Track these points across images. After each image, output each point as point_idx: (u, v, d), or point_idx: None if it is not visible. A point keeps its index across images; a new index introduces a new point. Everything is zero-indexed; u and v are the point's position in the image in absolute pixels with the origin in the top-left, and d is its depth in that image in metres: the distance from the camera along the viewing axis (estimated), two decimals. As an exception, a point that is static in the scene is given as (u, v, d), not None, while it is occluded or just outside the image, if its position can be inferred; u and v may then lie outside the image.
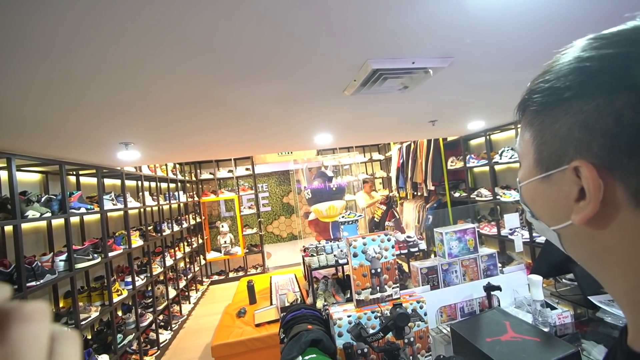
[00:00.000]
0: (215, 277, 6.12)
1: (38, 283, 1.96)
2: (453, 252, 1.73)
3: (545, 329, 1.37)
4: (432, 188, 4.52)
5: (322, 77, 1.28)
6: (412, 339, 1.40)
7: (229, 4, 0.72)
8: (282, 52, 1.01)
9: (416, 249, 3.11)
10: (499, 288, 1.54)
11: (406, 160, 5.10)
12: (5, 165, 1.89)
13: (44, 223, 2.44)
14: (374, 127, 2.63)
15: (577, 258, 0.34)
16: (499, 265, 1.83)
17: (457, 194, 4.31)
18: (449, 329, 1.42)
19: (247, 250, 6.15)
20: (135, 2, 0.67)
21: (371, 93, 1.47)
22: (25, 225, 2.11)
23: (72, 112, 1.35)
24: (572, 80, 0.28)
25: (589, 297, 1.49)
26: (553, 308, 1.54)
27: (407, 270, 3.39)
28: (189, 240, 5.33)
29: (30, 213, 2.00)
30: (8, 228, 2.04)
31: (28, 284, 1.89)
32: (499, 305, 1.61)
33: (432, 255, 1.88)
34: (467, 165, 4.00)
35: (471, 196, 3.99)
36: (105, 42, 0.82)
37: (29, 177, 2.46)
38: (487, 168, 3.77)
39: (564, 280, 1.84)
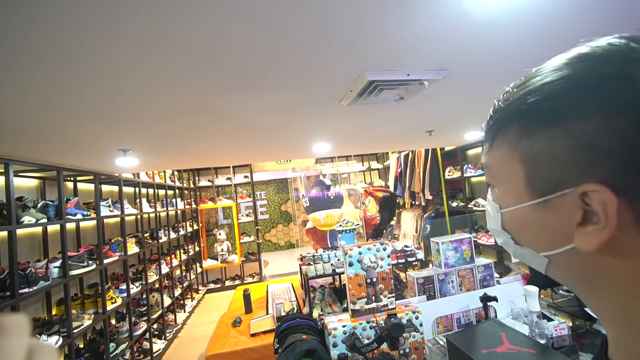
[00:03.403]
0: (212, 286, 6.05)
1: (31, 290, 1.94)
2: (449, 262, 1.73)
3: (542, 341, 1.36)
4: (430, 197, 4.53)
5: (318, 87, 1.30)
6: (407, 350, 1.39)
7: (225, 12, 0.74)
8: (279, 63, 1.03)
9: (414, 259, 3.10)
10: (495, 299, 1.53)
11: (404, 170, 5.13)
12: (3, 170, 1.89)
13: (39, 229, 2.42)
14: (371, 136, 2.65)
15: (561, 280, 0.34)
16: (496, 275, 1.83)
17: (454, 204, 4.32)
18: (445, 340, 1.40)
19: (244, 259, 6.11)
20: (129, 10, 0.69)
21: (367, 103, 1.49)
22: (20, 231, 2.10)
23: (70, 118, 1.36)
24: (568, 100, 0.28)
25: (585, 309, 1.48)
26: (550, 319, 1.54)
27: (404, 280, 3.37)
28: (186, 248, 5.29)
29: (26, 219, 1.99)
30: (3, 233, 2.03)
31: (21, 291, 1.87)
32: (496, 316, 1.60)
33: (430, 265, 1.88)
34: (465, 175, 4.02)
35: (469, 206, 4.00)
36: (101, 49, 0.83)
37: (26, 183, 2.46)
38: (484, 178, 3.78)
39: (561, 291, 1.83)
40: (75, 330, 2.29)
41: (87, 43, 0.79)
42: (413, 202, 5.09)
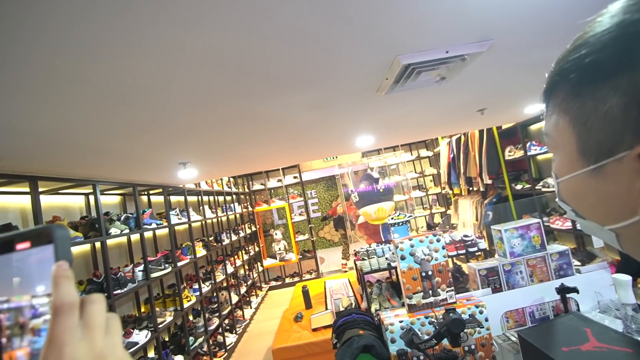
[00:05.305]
0: (273, 283, 6.37)
1: (122, 291, 2.25)
2: (515, 250, 1.57)
3: (641, 338, 1.16)
4: (489, 182, 4.16)
5: (352, 80, 1.28)
6: (473, 347, 1.30)
7: (258, 22, 0.77)
8: (311, 62, 1.04)
9: (475, 249, 2.88)
10: (575, 290, 1.35)
11: (457, 155, 4.78)
12: (92, 190, 2.23)
13: (124, 238, 2.80)
14: (416, 123, 2.53)
15: None
16: (576, 263, 1.61)
17: (519, 186, 3.90)
18: (517, 336, 1.28)
19: (301, 256, 6.30)
20: (179, 44, 0.76)
21: (406, 89, 1.42)
22: (110, 241, 2.45)
23: (134, 139, 1.54)
24: (619, 50, 0.24)
25: (700, 300, 1.23)
26: (651, 313, 1.30)
27: (467, 272, 3.15)
28: (247, 249, 5.65)
29: (113, 230, 2.32)
30: (97, 244, 2.39)
31: (115, 292, 2.19)
32: (578, 309, 1.41)
33: (495, 255, 1.72)
34: (529, 153, 3.60)
35: (536, 187, 3.58)
36: (162, 80, 0.93)
37: (110, 200, 2.86)
38: (552, 158, 3.35)
39: (664, 279, 1.54)
40: (160, 326, 2.60)
41: (143, 81, 0.89)
42: (470, 189, 4.73)
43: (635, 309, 1.24)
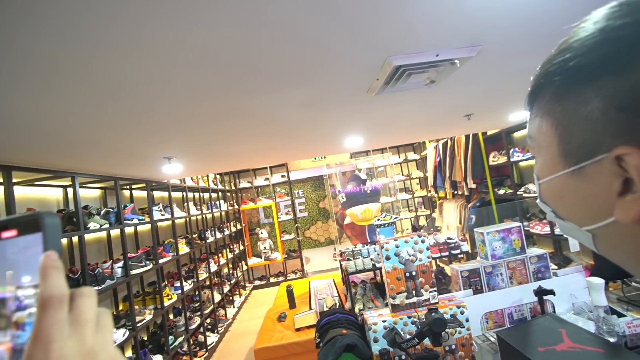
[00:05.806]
0: (257, 282, 6.31)
1: (100, 288, 2.17)
2: (497, 253, 1.61)
3: (612, 339, 1.21)
4: (474, 186, 4.26)
5: (344, 79, 1.28)
6: (453, 347, 1.32)
7: (252, 18, 0.76)
8: (303, 59, 1.03)
9: (458, 251, 2.94)
10: (552, 292, 1.40)
11: (443, 159, 4.88)
12: (70, 183, 2.14)
13: (103, 233, 2.71)
14: (404, 126, 2.56)
15: (615, 259, 0.30)
16: (553, 267, 1.66)
17: (501, 191, 4.01)
18: (495, 337, 1.31)
19: (286, 256, 6.27)
20: (172, 39, 0.73)
21: (396, 91, 1.43)
22: (88, 236, 2.36)
23: (120, 131, 1.49)
24: (601, 54, 0.25)
25: (666, 303, 1.29)
26: (621, 315, 1.36)
27: (449, 274, 3.21)
28: (231, 247, 5.57)
29: (92, 225, 2.24)
30: (75, 239, 2.30)
31: (92, 289, 2.11)
32: (554, 311, 1.46)
33: (477, 258, 1.77)
34: (512, 159, 3.71)
35: (518, 193, 3.69)
36: (153, 74, 0.90)
37: (90, 193, 2.76)
38: (534, 162, 3.47)
39: (634, 283, 1.62)
40: (139, 324, 2.53)
41: (134, 74, 0.86)
42: (455, 192, 4.83)
43: (606, 311, 1.29)
